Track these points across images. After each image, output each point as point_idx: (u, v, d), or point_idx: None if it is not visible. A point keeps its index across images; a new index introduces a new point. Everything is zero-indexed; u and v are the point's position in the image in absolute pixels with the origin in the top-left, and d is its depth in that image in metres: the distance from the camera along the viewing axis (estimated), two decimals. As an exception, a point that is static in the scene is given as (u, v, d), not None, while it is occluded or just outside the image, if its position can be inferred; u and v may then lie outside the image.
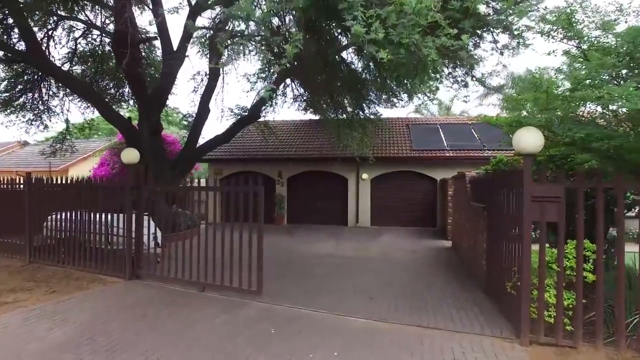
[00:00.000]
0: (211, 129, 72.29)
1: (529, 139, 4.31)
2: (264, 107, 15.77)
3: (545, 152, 5.94)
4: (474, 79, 9.58)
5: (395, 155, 15.19)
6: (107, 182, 10.11)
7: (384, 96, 15.31)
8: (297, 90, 15.62)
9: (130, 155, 6.99)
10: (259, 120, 15.15)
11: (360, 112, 13.87)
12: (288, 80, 15.45)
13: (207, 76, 12.79)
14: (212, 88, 12.59)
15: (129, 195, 6.94)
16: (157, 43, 12.41)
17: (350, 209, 15.90)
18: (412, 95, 14.60)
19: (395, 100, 16.46)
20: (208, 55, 12.67)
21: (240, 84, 35.71)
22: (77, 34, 12.64)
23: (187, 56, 10.89)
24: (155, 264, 7.13)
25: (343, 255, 9.70)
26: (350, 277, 7.36)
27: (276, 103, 15.80)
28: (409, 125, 17.80)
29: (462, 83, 9.77)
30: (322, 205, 16.29)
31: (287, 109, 32.42)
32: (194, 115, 12.86)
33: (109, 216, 7.19)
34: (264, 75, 15.93)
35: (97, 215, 7.26)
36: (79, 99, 13.35)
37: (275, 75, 15.70)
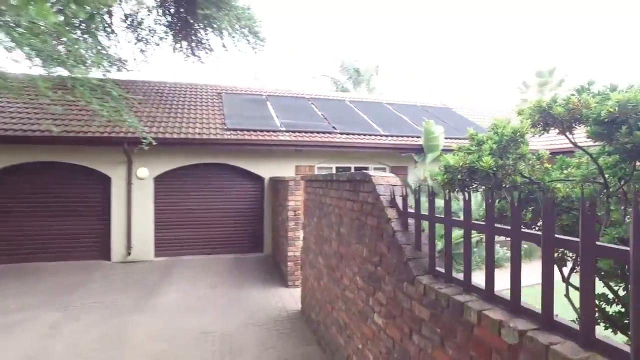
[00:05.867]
0: None
1: None
2: None
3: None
4: None
5: (198, 138, 9.06)
6: None
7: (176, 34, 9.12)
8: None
9: None
10: None
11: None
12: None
13: None
14: None
15: None
16: None
17: (117, 230, 8.98)
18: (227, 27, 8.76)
19: (197, 47, 10.42)
20: None
21: None
22: None
23: None
24: None
25: None
26: None
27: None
28: (222, 94, 11.85)
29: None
30: (63, 224, 8.82)
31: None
32: None
33: None
34: None
35: None
36: None
37: None
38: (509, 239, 1.74)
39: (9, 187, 8.57)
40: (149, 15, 10.23)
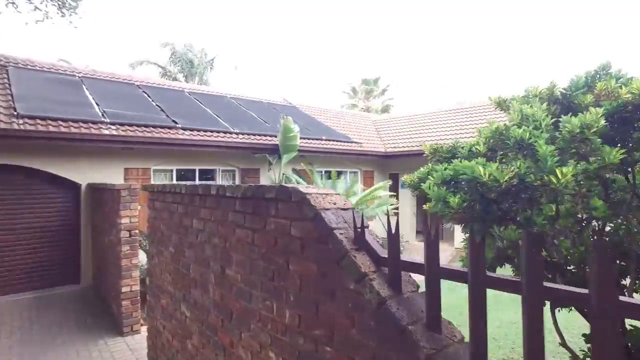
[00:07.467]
0: None
1: None
2: None
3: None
4: None
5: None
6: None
7: None
8: None
9: None
10: None
11: None
12: None
13: None
14: None
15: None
16: None
17: None
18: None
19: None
20: None
21: None
22: None
23: None
24: None
25: None
26: None
27: None
28: (8, 68, 8.59)
29: None
30: None
31: None
32: None
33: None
34: None
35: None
36: None
37: None
38: None
39: None
40: None
